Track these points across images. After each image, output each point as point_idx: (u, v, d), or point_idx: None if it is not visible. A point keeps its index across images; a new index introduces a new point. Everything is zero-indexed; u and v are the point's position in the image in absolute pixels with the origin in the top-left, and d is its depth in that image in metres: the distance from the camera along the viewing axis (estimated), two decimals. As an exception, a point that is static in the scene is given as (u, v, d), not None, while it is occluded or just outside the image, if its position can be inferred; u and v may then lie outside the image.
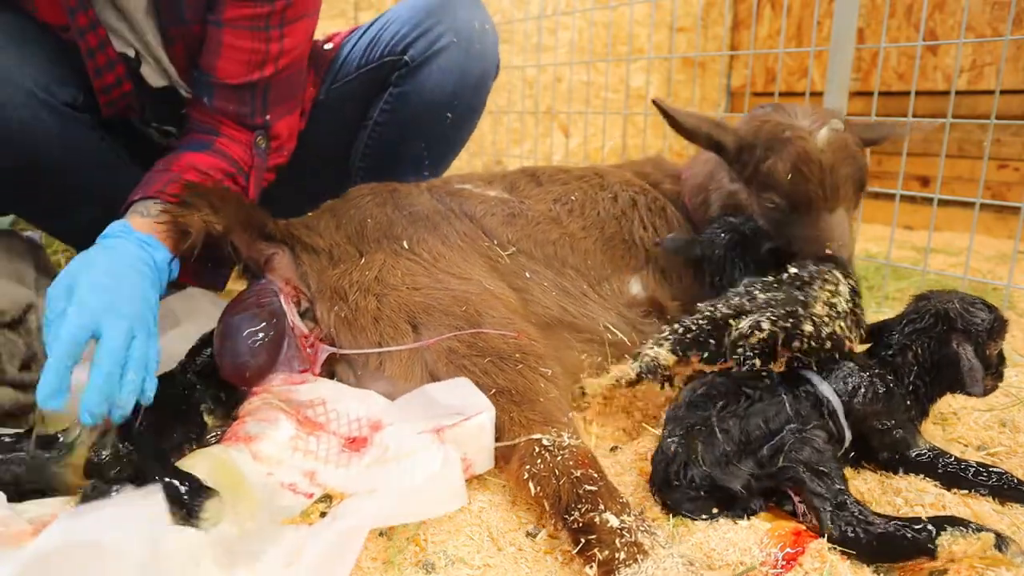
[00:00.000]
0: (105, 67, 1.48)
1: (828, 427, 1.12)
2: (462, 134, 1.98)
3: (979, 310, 1.20)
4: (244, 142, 1.53)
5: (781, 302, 1.20)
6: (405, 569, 0.94)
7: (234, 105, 1.50)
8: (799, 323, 1.16)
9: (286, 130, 1.60)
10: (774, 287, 1.27)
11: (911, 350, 1.21)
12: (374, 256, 1.36)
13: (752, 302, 1.24)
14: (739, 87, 4.38)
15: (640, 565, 0.87)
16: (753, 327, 1.15)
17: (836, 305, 1.22)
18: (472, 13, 1.80)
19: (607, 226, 1.64)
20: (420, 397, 1.16)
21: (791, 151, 1.46)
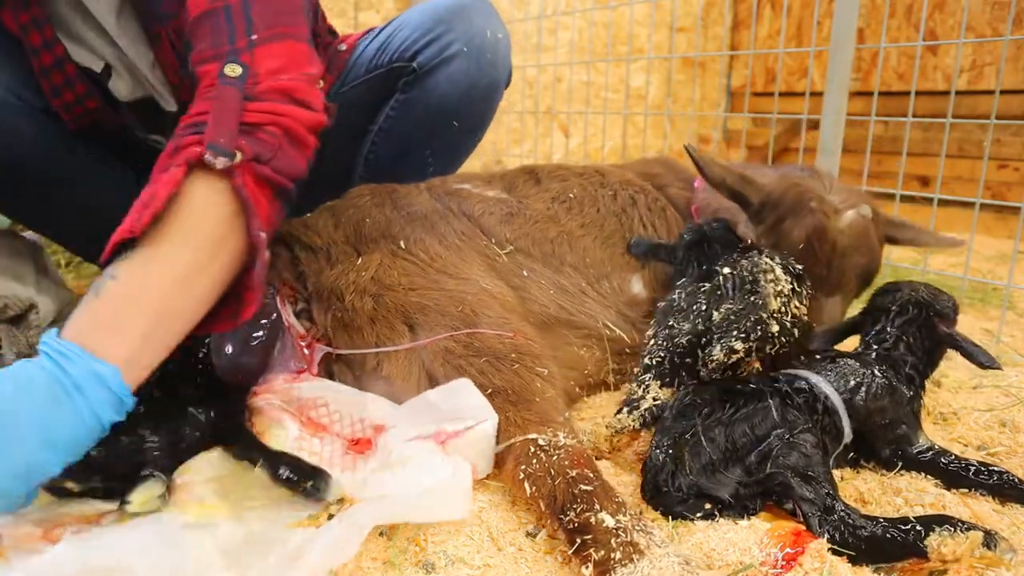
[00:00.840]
0: (63, 86, 1.42)
1: (825, 424, 1.12)
2: (469, 143, 1.95)
3: (942, 294, 1.30)
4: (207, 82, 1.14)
5: (742, 313, 1.17)
6: (405, 569, 0.94)
7: (207, 38, 1.15)
8: (767, 328, 1.15)
9: (272, 59, 1.16)
10: (720, 296, 1.24)
11: (903, 340, 1.25)
12: (371, 256, 1.36)
13: (705, 319, 1.21)
14: (739, 87, 4.39)
15: (636, 564, 0.87)
16: (728, 351, 1.12)
17: (782, 291, 1.21)
18: (485, 22, 1.76)
19: (607, 224, 1.63)
20: (422, 403, 1.16)
21: (810, 221, 1.43)
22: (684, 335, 1.21)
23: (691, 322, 1.22)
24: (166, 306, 0.96)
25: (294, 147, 1.14)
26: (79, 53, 1.43)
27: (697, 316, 1.23)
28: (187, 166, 1.00)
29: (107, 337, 0.91)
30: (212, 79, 1.10)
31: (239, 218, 1.05)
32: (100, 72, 1.45)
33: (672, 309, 1.31)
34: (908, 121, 2.10)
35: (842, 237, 1.42)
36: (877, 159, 3.36)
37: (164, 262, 0.97)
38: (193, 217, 1.00)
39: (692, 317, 1.23)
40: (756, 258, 1.28)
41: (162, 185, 0.98)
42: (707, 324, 1.20)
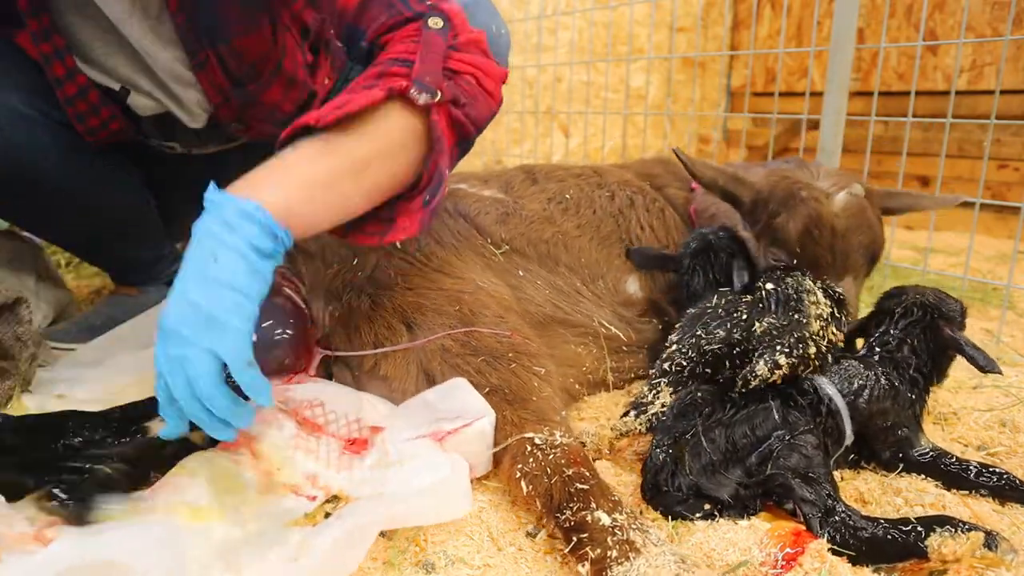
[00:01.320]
0: (88, 112, 1.44)
1: (828, 426, 1.12)
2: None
3: (949, 298, 1.28)
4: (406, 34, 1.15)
5: (785, 329, 1.16)
6: (405, 569, 0.94)
7: (383, 14, 1.16)
8: (807, 348, 1.15)
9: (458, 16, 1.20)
10: (762, 310, 1.24)
11: (907, 343, 1.24)
12: (367, 256, 1.36)
13: (741, 330, 1.20)
14: (739, 87, 4.39)
15: (632, 563, 0.87)
16: (772, 367, 1.11)
17: (822, 314, 1.21)
18: (489, 19, 1.73)
19: (603, 224, 1.63)
20: (419, 403, 1.16)
21: (804, 211, 1.42)
22: (716, 342, 1.20)
23: (727, 330, 1.21)
24: (332, 181, 1.02)
25: (485, 98, 1.19)
26: (95, 74, 1.43)
27: (735, 325, 1.22)
28: (389, 92, 1.04)
29: (265, 187, 0.97)
30: (415, 30, 1.14)
31: (425, 148, 1.11)
32: (118, 90, 1.46)
33: (704, 317, 1.29)
34: (908, 121, 2.10)
35: (838, 220, 1.42)
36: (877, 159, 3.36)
37: (342, 148, 1.03)
38: (381, 129, 1.06)
39: (729, 325, 1.22)
40: (800, 278, 1.28)
41: (360, 95, 1.03)
42: (744, 335, 1.19)
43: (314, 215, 1.03)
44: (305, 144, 1.03)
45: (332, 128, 1.03)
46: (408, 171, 1.12)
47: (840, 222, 1.42)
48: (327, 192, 1.03)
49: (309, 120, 1.03)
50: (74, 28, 1.37)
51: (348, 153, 1.04)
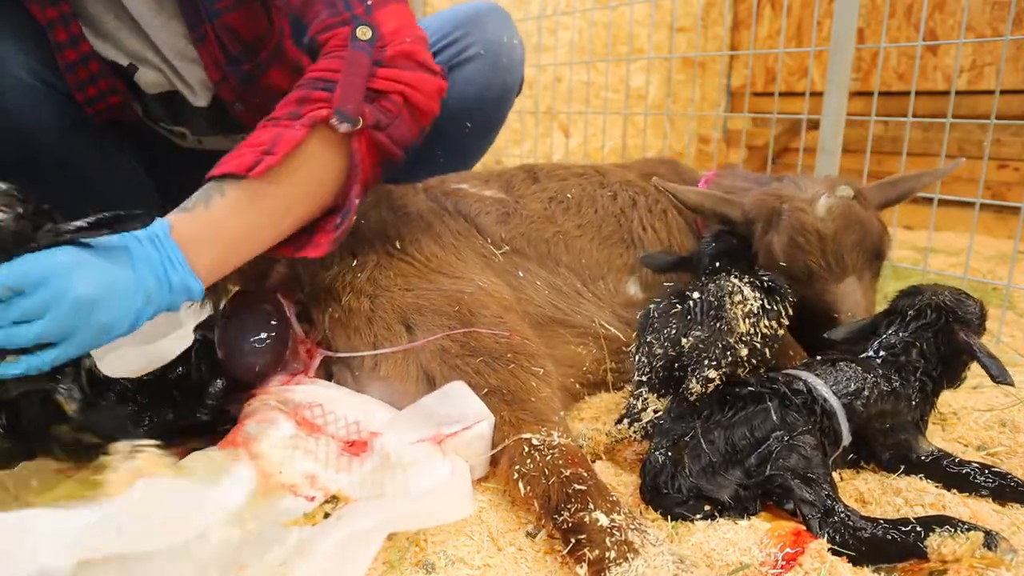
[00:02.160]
0: (87, 81, 1.45)
1: (824, 428, 1.11)
2: (481, 145, 1.97)
3: (968, 300, 1.23)
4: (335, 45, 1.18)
5: (709, 341, 1.17)
6: (405, 569, 0.94)
7: (325, 8, 1.18)
8: (736, 353, 1.15)
9: (392, 19, 1.20)
10: (689, 321, 1.23)
11: (915, 347, 1.20)
12: (367, 257, 1.36)
13: (674, 344, 1.20)
14: (739, 87, 4.39)
15: (631, 564, 0.87)
16: (703, 382, 1.12)
17: (751, 311, 1.20)
18: (502, 28, 1.79)
19: (605, 224, 1.63)
20: (418, 408, 1.16)
21: (786, 224, 1.42)
22: (658, 359, 1.21)
23: (662, 346, 1.22)
24: (254, 233, 1.11)
25: (413, 116, 1.23)
26: (105, 48, 1.45)
27: (666, 340, 1.22)
28: (312, 125, 1.11)
29: (203, 253, 1.05)
30: (343, 40, 1.15)
31: (343, 177, 1.18)
32: (126, 66, 1.48)
33: (647, 325, 1.30)
34: (908, 121, 2.10)
35: (823, 223, 1.41)
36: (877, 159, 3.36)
37: (268, 200, 1.11)
38: (303, 171, 1.13)
39: (662, 340, 1.23)
40: (723, 280, 1.26)
41: (284, 142, 1.10)
42: (676, 350, 1.20)
43: (228, 267, 1.11)
44: (233, 192, 1.09)
45: (260, 178, 1.09)
46: (327, 202, 1.20)
47: (826, 225, 1.41)
48: (248, 245, 1.12)
49: (239, 170, 1.08)
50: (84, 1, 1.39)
51: (273, 204, 1.11)
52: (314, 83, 1.14)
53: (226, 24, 1.43)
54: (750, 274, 1.31)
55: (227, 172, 1.08)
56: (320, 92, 1.12)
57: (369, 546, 0.89)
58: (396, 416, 1.19)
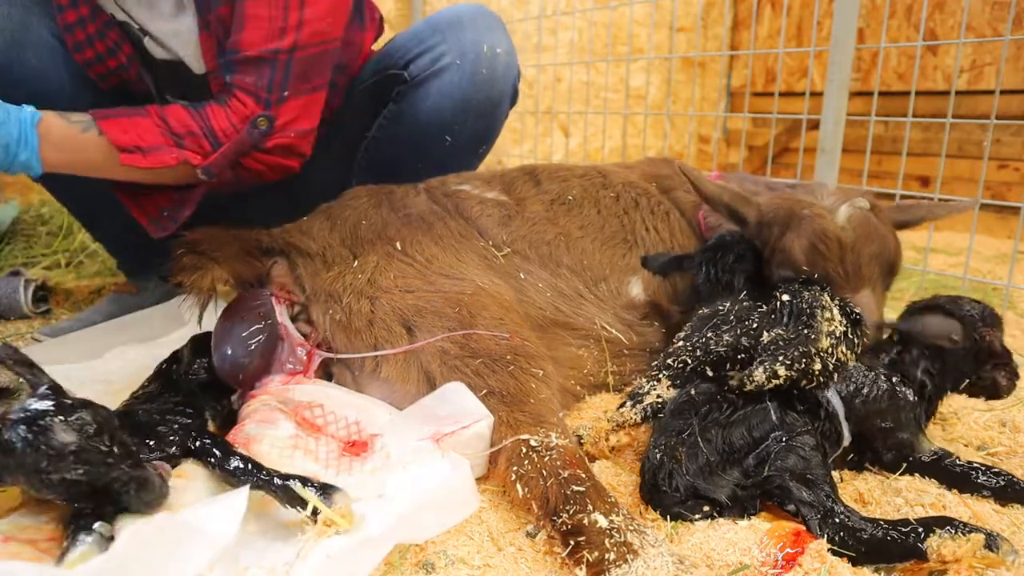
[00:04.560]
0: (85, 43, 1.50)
1: (825, 429, 1.11)
2: (467, 159, 1.91)
3: (965, 301, 1.26)
4: (241, 114, 1.48)
5: (791, 342, 1.15)
6: (405, 569, 0.94)
7: (251, 76, 1.47)
8: (811, 364, 1.13)
9: (302, 108, 1.53)
10: (773, 320, 1.22)
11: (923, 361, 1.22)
12: (367, 258, 1.36)
13: (750, 337, 1.19)
14: (739, 87, 4.39)
15: (630, 565, 0.87)
16: (770, 376, 1.10)
17: (834, 331, 1.18)
18: (482, 36, 1.72)
19: (607, 226, 1.62)
20: (417, 410, 1.16)
21: (808, 228, 1.39)
22: (723, 345, 1.20)
23: (735, 335, 1.21)
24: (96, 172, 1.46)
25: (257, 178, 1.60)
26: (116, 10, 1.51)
27: (744, 332, 1.21)
28: (181, 161, 1.45)
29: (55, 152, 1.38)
30: (247, 115, 1.48)
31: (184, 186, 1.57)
32: (136, 29, 1.53)
33: (715, 320, 1.28)
34: (908, 121, 2.10)
35: (845, 232, 1.40)
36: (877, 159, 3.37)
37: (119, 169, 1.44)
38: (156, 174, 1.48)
39: (738, 331, 1.22)
40: (817, 292, 1.26)
41: (156, 157, 1.43)
42: (752, 342, 1.18)
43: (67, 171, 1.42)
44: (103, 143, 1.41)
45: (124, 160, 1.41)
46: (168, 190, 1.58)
47: (847, 235, 1.39)
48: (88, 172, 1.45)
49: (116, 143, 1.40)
50: None
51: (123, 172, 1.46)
52: (210, 131, 1.47)
53: (220, 16, 1.48)
54: (841, 299, 1.29)
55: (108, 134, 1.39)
56: (206, 143, 1.47)
57: (376, 553, 0.89)
58: (396, 417, 1.19)
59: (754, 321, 1.23)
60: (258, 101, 1.48)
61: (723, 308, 1.30)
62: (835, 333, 1.18)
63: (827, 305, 1.22)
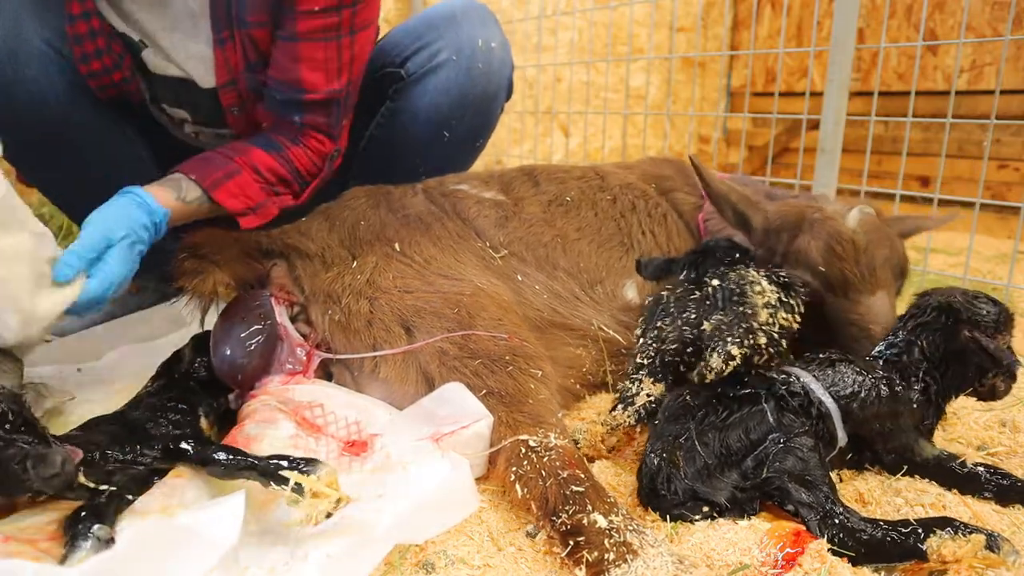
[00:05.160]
0: (93, 55, 1.49)
1: (819, 430, 1.11)
2: (464, 155, 1.93)
3: (983, 303, 1.19)
4: (321, 152, 1.58)
5: (732, 323, 1.17)
6: (405, 569, 0.94)
7: (323, 117, 1.55)
8: (756, 339, 1.15)
9: (346, 136, 1.66)
10: (709, 306, 1.24)
11: (917, 346, 1.19)
12: (366, 259, 1.36)
13: (693, 328, 1.21)
14: (739, 87, 4.39)
15: (630, 565, 0.87)
16: (726, 358, 1.12)
17: (768, 301, 1.21)
18: (476, 31, 1.73)
19: (604, 228, 1.62)
20: (417, 411, 1.16)
21: (822, 229, 1.40)
22: (672, 342, 1.22)
23: (679, 330, 1.23)
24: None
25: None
26: (118, 22, 1.50)
27: (685, 324, 1.23)
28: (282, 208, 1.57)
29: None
30: (326, 153, 1.61)
31: None
32: (137, 41, 1.52)
33: (660, 311, 1.31)
34: (908, 121, 2.10)
35: (858, 235, 1.40)
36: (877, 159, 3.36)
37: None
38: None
39: (680, 324, 1.24)
40: (743, 271, 1.28)
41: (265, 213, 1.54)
42: (695, 333, 1.20)
43: None
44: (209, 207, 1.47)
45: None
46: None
47: (860, 236, 1.40)
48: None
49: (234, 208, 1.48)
50: None
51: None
52: (296, 173, 1.57)
53: (251, 36, 1.49)
54: (766, 269, 1.32)
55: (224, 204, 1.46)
56: (296, 185, 1.58)
57: (376, 553, 0.89)
58: (396, 417, 1.19)
59: (691, 311, 1.25)
60: (331, 138, 1.59)
61: (663, 297, 1.33)
62: (770, 303, 1.21)
63: (754, 279, 1.25)
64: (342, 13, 1.45)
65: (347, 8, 1.45)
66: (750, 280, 1.24)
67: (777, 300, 1.23)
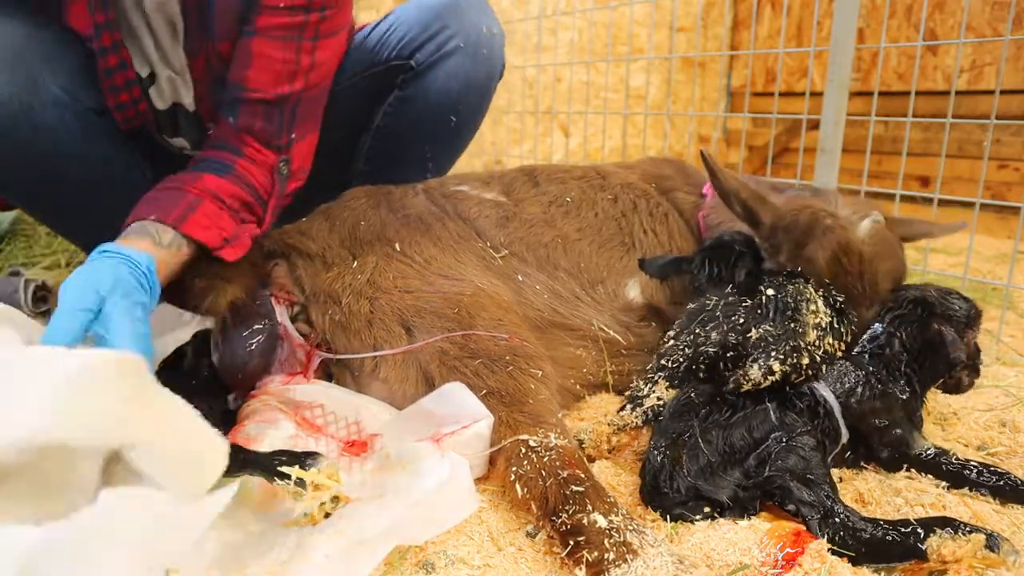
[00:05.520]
0: (122, 87, 1.48)
1: (825, 427, 1.12)
2: (466, 136, 1.97)
3: (955, 299, 1.27)
4: (266, 165, 1.46)
5: (780, 337, 1.16)
6: (405, 569, 0.94)
7: (261, 121, 1.44)
8: (800, 359, 1.14)
9: (306, 150, 1.54)
10: (760, 316, 1.23)
11: (897, 337, 1.24)
12: (366, 259, 1.36)
13: (737, 334, 1.19)
14: (739, 87, 4.39)
15: (630, 565, 0.87)
16: (766, 372, 1.11)
17: (820, 323, 1.20)
18: (480, 17, 1.78)
19: (604, 228, 1.62)
20: (417, 409, 1.16)
21: (831, 239, 1.38)
22: (712, 344, 1.20)
23: (722, 334, 1.21)
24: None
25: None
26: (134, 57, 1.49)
27: (731, 329, 1.21)
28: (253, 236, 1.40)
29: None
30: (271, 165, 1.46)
31: None
32: (145, 77, 1.52)
33: (702, 316, 1.28)
34: (908, 121, 2.10)
35: (866, 247, 1.39)
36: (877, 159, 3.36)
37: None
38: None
39: (725, 329, 1.22)
40: (801, 285, 1.26)
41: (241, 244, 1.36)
42: (740, 339, 1.19)
43: None
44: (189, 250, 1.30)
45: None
46: None
47: (868, 249, 1.39)
48: None
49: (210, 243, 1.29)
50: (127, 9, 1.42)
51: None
52: (254, 192, 1.43)
53: (217, 50, 1.47)
54: (825, 290, 1.30)
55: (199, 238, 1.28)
56: (258, 208, 1.44)
57: (375, 553, 0.89)
58: (396, 417, 1.19)
59: (740, 317, 1.23)
60: (270, 147, 1.46)
61: (710, 303, 1.30)
62: (821, 325, 1.20)
63: (811, 297, 1.23)
64: (309, 15, 1.39)
65: (315, 11, 1.40)
66: (807, 297, 1.22)
67: (828, 324, 1.21)
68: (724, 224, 1.68)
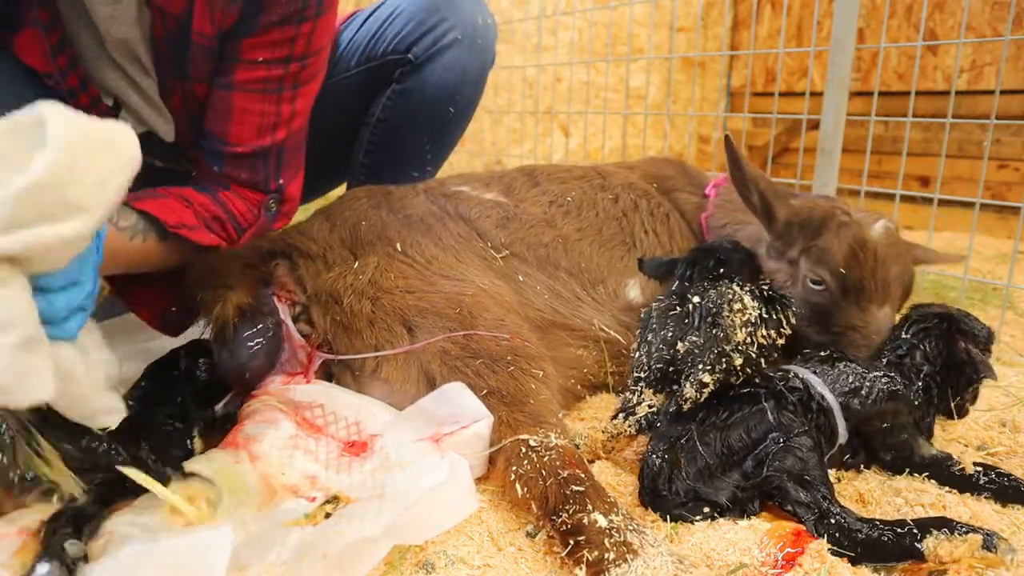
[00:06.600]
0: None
1: (820, 424, 1.12)
2: (462, 126, 1.98)
3: (975, 321, 1.30)
4: (252, 201, 1.48)
5: (704, 347, 1.16)
6: (405, 569, 0.94)
7: (246, 173, 1.46)
8: (731, 361, 1.14)
9: (297, 190, 1.57)
10: (687, 325, 1.22)
11: (919, 350, 1.26)
12: (368, 259, 1.36)
13: (670, 347, 1.20)
14: (739, 87, 4.39)
15: (630, 564, 0.87)
16: (698, 388, 1.12)
17: (749, 319, 1.19)
18: (475, 8, 1.80)
19: (605, 228, 1.62)
20: (417, 409, 1.16)
21: (848, 232, 1.40)
22: (655, 361, 1.21)
23: (658, 350, 1.22)
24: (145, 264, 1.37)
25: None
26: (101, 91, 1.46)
27: (663, 343, 1.22)
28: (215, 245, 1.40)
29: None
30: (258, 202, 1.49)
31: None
32: (111, 106, 1.49)
33: (647, 325, 1.30)
34: (908, 121, 2.10)
35: (880, 246, 1.41)
36: (877, 159, 3.36)
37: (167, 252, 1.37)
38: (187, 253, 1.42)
39: (658, 343, 1.23)
40: (724, 288, 1.26)
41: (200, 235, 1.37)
42: (671, 353, 1.20)
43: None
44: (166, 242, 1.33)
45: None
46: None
47: (881, 248, 1.41)
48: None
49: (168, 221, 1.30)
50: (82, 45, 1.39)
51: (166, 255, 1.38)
52: (232, 217, 1.44)
53: (192, 91, 1.44)
54: (752, 282, 1.30)
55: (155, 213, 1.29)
56: (231, 229, 1.45)
57: (375, 553, 0.89)
58: (396, 417, 1.19)
59: (669, 330, 1.24)
60: (258, 189, 1.49)
61: (652, 311, 1.32)
62: (751, 320, 1.19)
63: (735, 296, 1.22)
64: (289, 67, 1.38)
65: (295, 62, 1.38)
66: (729, 298, 1.22)
67: (758, 317, 1.21)
68: (728, 226, 1.68)
